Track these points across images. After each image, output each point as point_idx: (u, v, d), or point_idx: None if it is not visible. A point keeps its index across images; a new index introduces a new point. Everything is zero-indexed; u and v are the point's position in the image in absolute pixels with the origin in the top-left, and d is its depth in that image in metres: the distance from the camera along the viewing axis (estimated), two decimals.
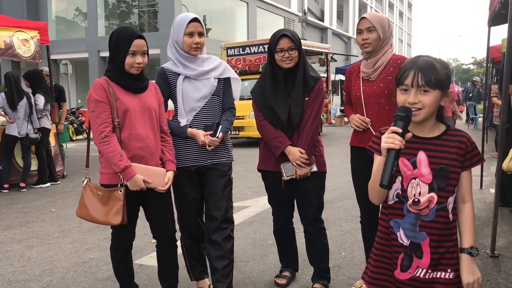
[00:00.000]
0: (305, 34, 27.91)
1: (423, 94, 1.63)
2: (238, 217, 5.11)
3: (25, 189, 7.36)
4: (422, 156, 1.68)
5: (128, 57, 2.54)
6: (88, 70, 26.60)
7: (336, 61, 18.90)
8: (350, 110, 3.14)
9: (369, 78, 2.93)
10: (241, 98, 13.10)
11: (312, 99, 2.96)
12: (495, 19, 5.91)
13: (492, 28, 6.32)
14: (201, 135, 2.83)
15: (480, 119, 18.32)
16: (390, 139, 1.53)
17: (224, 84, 3.04)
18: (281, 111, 2.93)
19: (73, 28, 29.47)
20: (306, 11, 32.24)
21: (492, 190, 6.35)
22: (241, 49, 13.61)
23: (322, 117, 14.98)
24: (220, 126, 2.88)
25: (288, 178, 2.96)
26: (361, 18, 2.90)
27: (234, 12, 31.16)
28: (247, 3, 31.22)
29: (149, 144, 2.61)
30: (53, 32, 28.90)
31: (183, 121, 2.89)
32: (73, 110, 17.20)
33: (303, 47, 3.02)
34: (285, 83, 2.97)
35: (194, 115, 2.90)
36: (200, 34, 2.86)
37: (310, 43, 16.61)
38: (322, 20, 42.50)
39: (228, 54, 14.02)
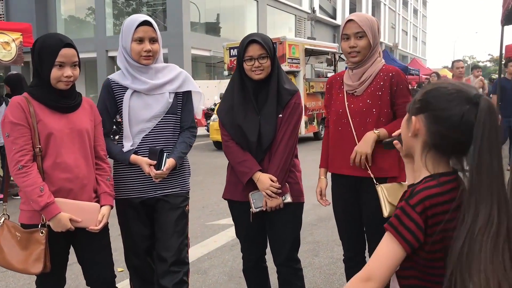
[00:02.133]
0: (314, 33, 27.35)
1: None
2: (220, 239, 4.67)
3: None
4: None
5: (54, 70, 2.10)
6: (97, 70, 26.41)
7: (344, 60, 18.33)
8: (326, 143, 2.67)
9: (354, 92, 2.46)
10: None
11: (286, 116, 2.49)
12: (508, 18, 5.37)
13: (506, 27, 5.78)
14: (145, 166, 2.40)
15: None
16: None
17: (183, 99, 2.59)
18: (250, 130, 2.46)
19: (82, 27, 29.32)
20: (315, 9, 31.63)
21: None
22: None
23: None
24: (165, 155, 2.42)
25: (257, 210, 2.49)
26: (348, 20, 2.41)
27: (244, 10, 30.72)
28: (257, 1, 30.74)
29: (79, 174, 2.16)
30: (62, 31, 28.84)
31: (127, 145, 2.44)
32: None
33: (309, 47, 2.56)
34: (256, 97, 2.50)
35: (143, 138, 2.46)
36: (152, 40, 2.42)
37: (317, 42, 16.07)
38: (334, 18, 41.77)
39: (231, 54, 13.55)
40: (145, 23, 2.39)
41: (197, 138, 2.34)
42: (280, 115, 2.49)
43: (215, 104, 15.76)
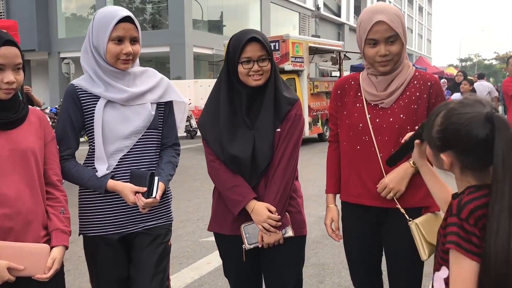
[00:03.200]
0: (318, 31, 26.85)
1: None
2: (214, 259, 4.13)
3: None
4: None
5: None
6: None
7: (350, 59, 17.81)
8: (335, 163, 2.18)
9: (381, 103, 1.98)
10: None
11: (286, 131, 2.02)
12: None
13: None
14: (130, 194, 1.92)
15: None
16: None
17: (166, 111, 2.13)
18: (242, 149, 2.00)
19: (84, 26, 28.92)
20: (319, 6, 31.13)
21: None
22: None
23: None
24: (157, 178, 1.95)
25: (252, 246, 2.03)
26: (376, 23, 1.87)
27: (247, 8, 30.30)
28: None
29: (22, 209, 1.70)
30: (63, 29, 28.50)
31: (102, 169, 1.97)
32: None
33: (313, 45, 2.09)
34: (248, 108, 2.04)
35: (120, 159, 2.00)
36: (134, 40, 1.97)
37: (321, 40, 15.58)
38: (339, 15, 41.21)
39: None
40: (127, 19, 1.93)
41: (195, 138, 1.95)
42: (278, 129, 2.02)
43: None
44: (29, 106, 1.86)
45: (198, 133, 14.50)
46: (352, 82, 2.10)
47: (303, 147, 12.54)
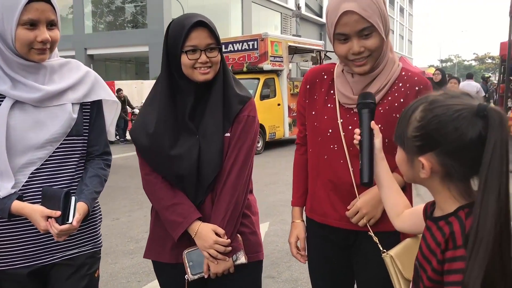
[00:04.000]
0: (299, 31, 26.64)
1: None
2: None
3: None
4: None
5: None
6: None
7: (330, 58, 17.57)
8: (302, 170, 1.81)
9: (355, 108, 1.58)
10: None
11: (237, 136, 1.68)
12: None
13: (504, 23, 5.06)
14: (40, 219, 1.54)
15: None
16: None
17: (92, 112, 1.76)
18: (185, 158, 1.65)
19: (62, 25, 28.21)
20: (300, 6, 30.95)
21: None
22: (223, 46, 12.23)
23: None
24: (73, 199, 1.57)
25: (196, 277, 1.68)
26: (344, 13, 1.47)
27: (229, 7, 29.97)
28: None
29: None
30: None
31: (6, 187, 1.57)
32: None
33: (293, 44, 1.72)
34: (193, 109, 1.69)
35: (32, 174, 1.61)
36: (51, 24, 1.59)
37: (301, 39, 15.30)
38: (320, 15, 41.09)
39: None
40: None
41: None
42: (228, 134, 1.68)
43: None
44: None
45: None
46: (325, 76, 1.71)
47: (283, 148, 12.30)
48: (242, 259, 1.69)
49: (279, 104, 12.38)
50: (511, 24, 5.09)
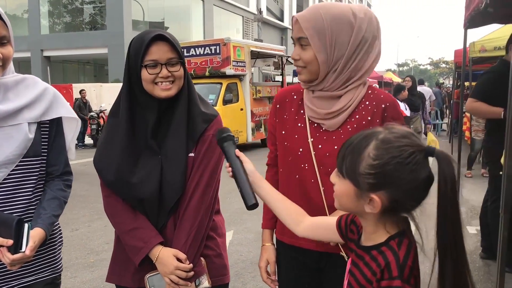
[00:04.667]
0: (261, 35, 26.78)
1: None
2: None
3: None
4: (348, 265, 1.22)
5: None
6: (31, 71, 24.52)
7: (292, 63, 17.81)
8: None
9: (323, 125, 1.61)
10: None
11: (202, 155, 1.64)
12: (472, 21, 4.83)
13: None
14: (7, 257, 1.46)
15: (444, 125, 17.67)
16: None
17: (51, 131, 1.69)
18: (146, 180, 1.60)
19: (14, 24, 27.28)
20: (262, 9, 31.12)
21: (472, 229, 5.24)
22: (185, 50, 12.10)
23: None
24: (26, 226, 1.49)
25: None
26: (295, 19, 1.56)
27: (190, 10, 29.75)
28: (203, 1, 29.80)
29: None
30: None
31: None
32: None
33: (255, 49, 1.70)
34: (155, 127, 1.64)
35: None
36: (3, 41, 1.52)
37: (263, 44, 15.38)
38: (281, 20, 41.44)
39: None
40: None
41: None
42: (192, 154, 1.64)
43: None
44: None
45: None
46: (295, 96, 1.71)
47: (246, 153, 12.24)
48: (205, 283, 1.65)
49: (242, 109, 12.39)
50: (465, 36, 5.29)
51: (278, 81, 15.93)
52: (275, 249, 1.79)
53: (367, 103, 1.60)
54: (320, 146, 1.60)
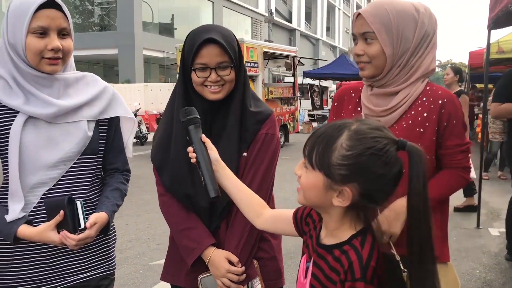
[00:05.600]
0: (271, 36, 26.80)
1: None
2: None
3: None
4: (311, 266, 1.16)
5: None
6: None
7: (303, 64, 17.79)
8: None
9: (379, 121, 1.61)
10: None
11: (254, 155, 1.63)
12: (497, 22, 4.81)
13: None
14: (52, 234, 1.46)
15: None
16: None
17: (110, 130, 1.70)
18: (197, 180, 1.60)
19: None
20: (273, 11, 31.16)
21: (494, 231, 5.21)
22: None
23: (288, 125, 13.78)
24: (80, 204, 1.49)
25: None
26: (357, 14, 1.59)
27: (199, 11, 29.84)
28: (212, 2, 29.93)
29: None
30: None
31: (15, 209, 1.49)
32: None
33: (268, 50, 1.69)
34: (209, 127, 1.64)
35: (44, 195, 1.53)
36: (63, 33, 1.51)
37: (276, 45, 15.37)
38: (290, 21, 41.43)
39: None
40: (50, 4, 1.47)
41: (145, 144, 1.53)
42: (245, 154, 1.63)
43: None
44: None
45: (149, 139, 13.90)
46: (353, 94, 1.73)
47: None
48: (258, 287, 1.64)
49: None
50: (488, 37, 5.25)
51: (290, 82, 15.93)
52: None
53: (424, 99, 1.60)
54: None
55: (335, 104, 1.78)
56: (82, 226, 1.48)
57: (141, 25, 24.29)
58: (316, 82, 20.38)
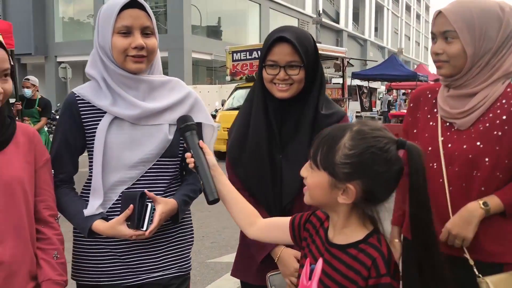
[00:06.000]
0: (319, 37, 26.60)
1: None
2: (224, 285, 3.79)
3: None
4: (318, 267, 1.18)
5: None
6: None
7: (352, 65, 17.56)
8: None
9: (454, 123, 1.57)
10: (240, 107, 11.72)
11: None
12: None
13: None
14: (123, 228, 1.49)
15: None
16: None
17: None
18: (267, 176, 1.64)
19: (81, 29, 28.60)
20: (321, 12, 30.93)
21: None
22: (248, 53, 12.20)
23: None
24: (151, 206, 1.50)
25: None
26: (437, 14, 1.56)
27: (246, 13, 30.11)
28: (260, 4, 30.09)
29: (3, 257, 1.34)
30: (60, 33, 28.17)
31: (93, 205, 1.56)
32: None
33: (318, 51, 1.69)
34: (281, 126, 1.67)
35: (122, 193, 1.59)
36: (146, 32, 1.56)
37: (325, 46, 15.24)
38: (337, 22, 41.05)
39: (234, 58, 12.74)
40: (133, 4, 1.54)
41: None
42: None
43: (216, 111, 14.97)
44: (17, 122, 1.50)
45: None
46: (429, 95, 1.69)
47: None
48: None
49: None
50: None
51: (338, 83, 15.76)
52: (401, 246, 1.78)
53: (504, 101, 1.53)
54: (449, 145, 1.57)
55: (411, 105, 1.75)
56: (144, 228, 1.49)
57: (190, 28, 24.78)
58: (365, 83, 20.06)
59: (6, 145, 1.39)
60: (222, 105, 14.05)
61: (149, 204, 1.50)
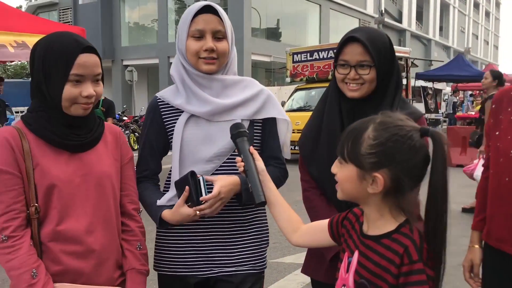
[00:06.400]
0: None
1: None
2: (286, 286, 3.80)
3: None
4: (355, 259, 1.22)
5: (68, 86, 1.39)
6: (159, 75, 26.56)
7: (417, 66, 17.01)
8: (486, 193, 1.71)
9: None
10: (300, 109, 11.68)
11: None
12: None
13: None
14: (184, 209, 1.53)
15: None
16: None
17: (265, 130, 1.76)
18: (328, 177, 1.64)
19: (146, 34, 29.74)
20: (383, 12, 30.23)
21: None
22: (308, 54, 12.20)
23: None
24: (202, 179, 1.51)
25: None
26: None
27: (306, 15, 29.99)
28: (320, 5, 29.85)
29: (95, 246, 1.44)
30: (126, 38, 29.45)
31: (167, 196, 1.66)
32: (136, 118, 16.69)
33: None
34: (343, 127, 1.67)
35: (175, 182, 1.66)
36: (218, 36, 1.64)
37: None
38: (400, 21, 39.93)
39: (294, 60, 12.76)
40: (206, 9, 1.61)
41: None
42: None
43: None
44: (105, 122, 1.61)
45: None
46: None
47: None
48: None
49: None
50: None
51: (402, 84, 15.33)
52: (481, 251, 1.74)
53: None
54: None
55: (493, 106, 1.70)
56: (204, 195, 1.50)
57: (250, 31, 25.06)
58: (429, 84, 19.39)
59: (97, 143, 1.50)
60: (282, 106, 14.11)
61: (201, 178, 1.53)
